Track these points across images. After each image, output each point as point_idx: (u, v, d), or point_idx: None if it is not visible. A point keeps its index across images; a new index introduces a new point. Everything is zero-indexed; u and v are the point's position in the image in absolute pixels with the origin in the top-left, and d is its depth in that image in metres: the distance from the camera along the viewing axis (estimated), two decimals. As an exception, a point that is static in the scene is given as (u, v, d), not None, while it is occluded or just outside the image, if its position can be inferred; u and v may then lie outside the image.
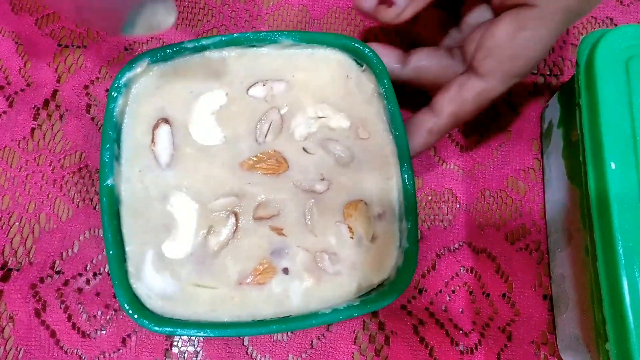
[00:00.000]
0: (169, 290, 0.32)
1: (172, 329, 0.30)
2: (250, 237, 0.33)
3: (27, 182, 0.41)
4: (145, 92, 0.34)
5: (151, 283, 0.32)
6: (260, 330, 0.31)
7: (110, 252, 0.31)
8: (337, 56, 0.35)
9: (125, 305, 0.30)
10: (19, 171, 0.41)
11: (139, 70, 0.33)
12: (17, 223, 0.40)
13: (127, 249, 0.32)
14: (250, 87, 0.34)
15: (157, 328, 0.30)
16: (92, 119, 0.42)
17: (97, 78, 0.43)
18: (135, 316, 0.30)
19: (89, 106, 0.42)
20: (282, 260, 0.32)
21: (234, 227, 0.32)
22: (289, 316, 0.32)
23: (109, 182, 0.32)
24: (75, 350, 0.38)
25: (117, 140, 0.33)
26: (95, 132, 0.42)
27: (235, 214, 0.33)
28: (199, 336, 0.31)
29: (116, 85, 0.33)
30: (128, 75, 0.33)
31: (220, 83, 0.34)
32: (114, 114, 0.33)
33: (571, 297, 0.36)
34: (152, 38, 0.45)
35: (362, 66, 0.34)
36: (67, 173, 0.42)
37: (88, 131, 0.42)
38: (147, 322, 0.30)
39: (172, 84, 0.34)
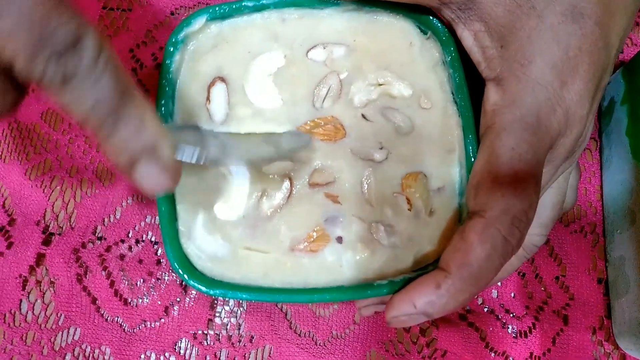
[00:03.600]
0: (220, 252, 0.30)
1: (222, 292, 0.29)
2: (304, 203, 0.31)
3: (69, 146, 0.40)
4: (202, 50, 0.33)
5: (202, 244, 0.30)
6: (313, 298, 0.30)
7: (162, 208, 0.30)
8: (401, 22, 0.33)
9: (176, 264, 0.29)
10: (62, 134, 0.41)
11: (196, 27, 0.32)
12: (58, 187, 0.40)
13: (178, 207, 0.31)
14: (310, 49, 0.33)
15: (207, 290, 0.29)
16: (139, 81, 0.41)
17: (144, 42, 0.43)
18: (185, 276, 0.29)
19: (134, 70, 0.42)
20: (336, 228, 0.31)
21: (288, 192, 0.31)
22: (341, 286, 0.30)
23: (162, 139, 0.31)
24: (116, 318, 0.37)
25: (172, 97, 0.32)
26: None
27: (290, 179, 0.31)
28: (250, 300, 0.30)
29: (173, 40, 0.32)
30: (186, 30, 0.32)
31: (279, 44, 0.33)
32: (171, 69, 0.32)
33: (632, 280, 0.34)
34: (199, 2, 0.44)
35: (426, 34, 0.33)
36: (111, 137, 0.41)
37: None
38: (197, 283, 0.29)
39: (229, 42, 0.33)
